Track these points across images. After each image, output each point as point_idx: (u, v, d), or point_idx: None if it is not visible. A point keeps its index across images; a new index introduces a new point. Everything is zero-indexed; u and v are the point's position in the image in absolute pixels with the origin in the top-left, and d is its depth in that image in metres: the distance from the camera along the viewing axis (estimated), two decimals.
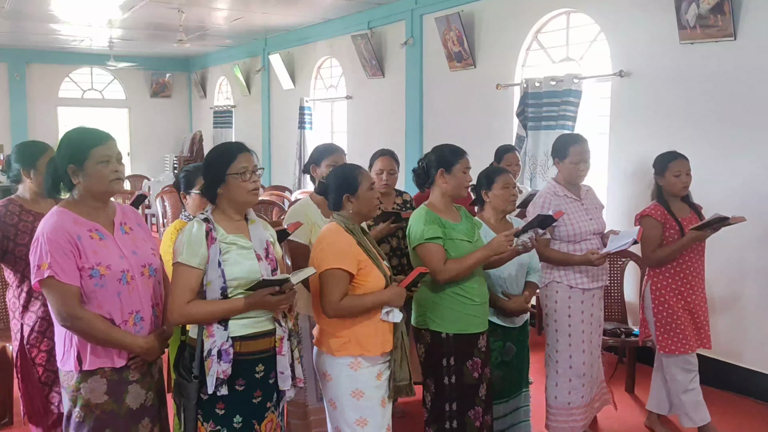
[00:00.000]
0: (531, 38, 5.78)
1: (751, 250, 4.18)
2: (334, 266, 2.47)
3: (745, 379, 4.20)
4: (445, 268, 2.80)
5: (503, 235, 2.82)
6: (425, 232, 2.83)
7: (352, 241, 2.54)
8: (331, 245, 2.52)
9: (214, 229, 2.30)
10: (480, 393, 2.94)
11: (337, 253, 2.49)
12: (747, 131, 4.17)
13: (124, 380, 2.25)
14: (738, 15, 4.11)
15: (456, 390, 2.88)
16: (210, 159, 2.37)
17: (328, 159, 3.22)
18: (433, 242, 2.82)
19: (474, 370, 2.90)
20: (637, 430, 3.78)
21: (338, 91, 8.76)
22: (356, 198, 2.58)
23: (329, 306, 2.48)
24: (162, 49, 11.34)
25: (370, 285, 2.52)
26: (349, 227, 2.57)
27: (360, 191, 2.59)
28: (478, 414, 2.92)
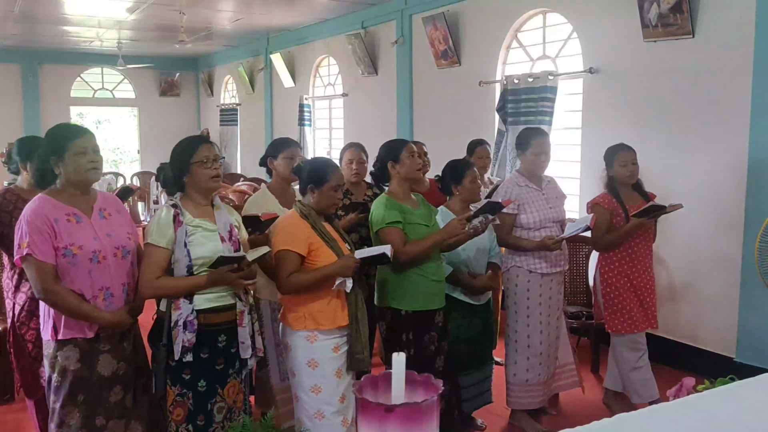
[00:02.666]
0: (511, 37, 6.01)
1: (709, 238, 4.40)
2: (283, 248, 2.73)
3: (702, 359, 4.42)
4: (404, 250, 3.05)
5: (456, 220, 3.08)
6: (386, 217, 3.09)
7: (304, 224, 2.78)
8: (284, 229, 2.80)
9: (182, 213, 2.58)
10: (437, 364, 3.20)
11: (288, 236, 2.76)
12: (706, 125, 4.38)
13: (96, 350, 2.53)
14: (696, 14, 4.32)
15: (414, 361, 3.05)
16: (175, 152, 2.65)
17: (285, 152, 3.44)
18: (393, 226, 3.08)
19: (431, 343, 3.17)
20: (595, 407, 4.00)
21: (335, 88, 9.04)
22: (319, 191, 2.83)
23: (280, 283, 2.76)
24: (170, 50, 11.67)
25: (320, 264, 2.76)
26: (305, 213, 2.81)
27: (324, 187, 2.82)
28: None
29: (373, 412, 0.77)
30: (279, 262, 2.75)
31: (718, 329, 4.37)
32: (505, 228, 3.59)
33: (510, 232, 3.62)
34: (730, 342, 4.27)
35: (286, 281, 2.74)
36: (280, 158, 3.44)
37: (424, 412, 0.77)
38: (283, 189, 3.47)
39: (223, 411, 2.65)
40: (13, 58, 11.86)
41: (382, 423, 0.77)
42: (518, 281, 3.65)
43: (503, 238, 3.63)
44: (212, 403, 2.62)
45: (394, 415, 0.77)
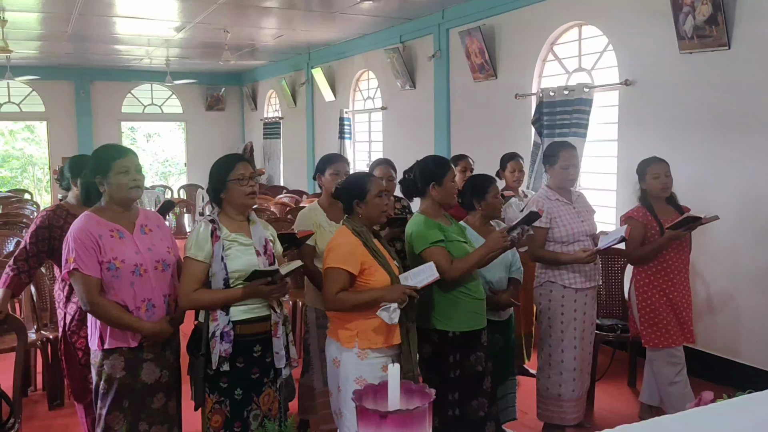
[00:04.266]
0: (547, 50, 6.04)
1: (746, 251, 4.34)
2: (334, 265, 2.75)
3: (741, 373, 4.35)
4: (453, 267, 3.00)
5: (498, 233, 3.07)
6: (428, 237, 3.05)
7: (357, 242, 2.79)
8: (339, 247, 2.80)
9: (219, 228, 2.71)
10: (485, 385, 3.14)
11: (340, 254, 2.77)
12: (743, 136, 4.33)
13: (139, 359, 2.67)
14: (731, 25, 4.29)
15: (460, 381, 3.08)
16: (213, 169, 2.78)
17: (331, 168, 3.54)
18: (437, 245, 3.04)
19: (478, 363, 3.11)
20: (631, 421, 3.98)
21: (374, 102, 9.18)
22: (365, 203, 2.86)
23: (326, 299, 2.78)
24: (215, 65, 12.03)
25: (373, 283, 2.76)
26: (357, 230, 2.83)
27: (368, 197, 2.86)
28: (482, 404, 3.12)
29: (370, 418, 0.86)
30: (329, 279, 2.76)
31: (757, 342, 4.30)
32: (538, 242, 3.60)
33: (543, 246, 3.63)
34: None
35: (334, 298, 2.73)
36: (328, 174, 3.54)
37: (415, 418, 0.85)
38: (331, 203, 3.56)
39: (258, 418, 2.76)
40: (67, 75, 12.40)
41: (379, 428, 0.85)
42: (552, 296, 3.64)
43: (537, 252, 3.63)
44: (248, 410, 2.73)
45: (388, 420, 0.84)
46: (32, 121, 14.10)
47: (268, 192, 9.83)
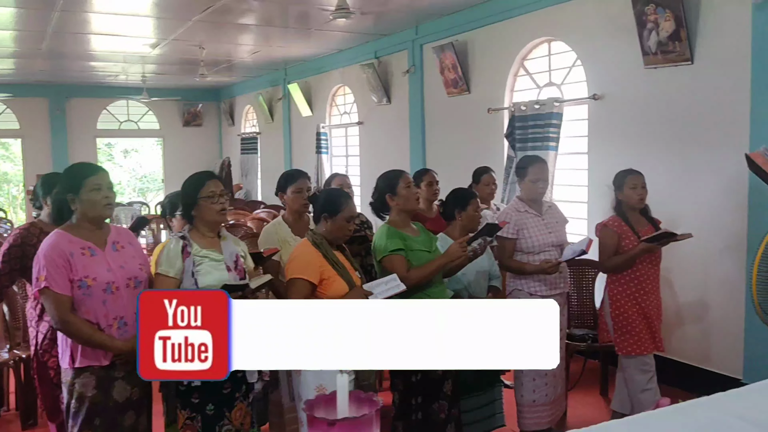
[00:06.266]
0: (518, 65, 6.15)
1: (714, 261, 4.44)
2: (295, 275, 2.85)
3: (711, 381, 4.43)
4: (408, 275, 3.11)
5: (456, 243, 3.17)
6: (388, 245, 3.17)
7: (316, 253, 2.89)
8: (297, 257, 2.91)
9: (190, 245, 2.74)
10: (445, 388, 3.25)
11: (300, 265, 2.87)
12: (706, 148, 4.45)
13: (111, 377, 2.67)
14: (693, 41, 4.42)
15: (422, 385, 3.19)
16: (185, 186, 2.82)
17: (293, 185, 3.58)
18: (396, 253, 3.16)
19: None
20: None
21: (351, 117, 9.25)
22: (333, 221, 2.95)
23: None
24: (192, 81, 12.03)
25: (331, 293, 2.86)
26: (317, 242, 2.92)
27: (338, 217, 2.94)
28: (443, 407, 3.24)
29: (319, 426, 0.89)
30: (290, 289, 2.85)
31: (726, 351, 4.40)
32: (506, 252, 3.72)
33: (512, 257, 3.73)
34: (738, 363, 4.29)
35: None
36: (289, 192, 3.59)
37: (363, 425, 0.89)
38: (295, 220, 3.62)
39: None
40: (41, 92, 12.30)
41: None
42: None
43: (505, 262, 3.74)
44: (220, 425, 2.74)
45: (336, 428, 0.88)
46: (7, 138, 13.95)
47: (245, 207, 9.82)
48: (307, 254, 2.90)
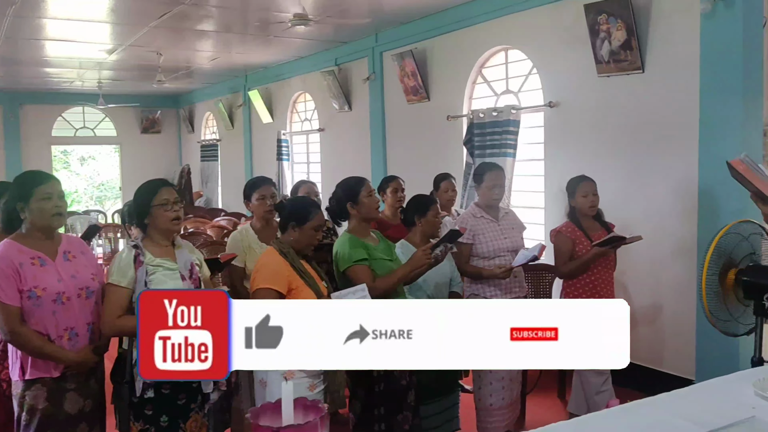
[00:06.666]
0: (476, 72, 6.22)
1: (666, 264, 4.56)
2: (263, 285, 2.78)
3: (665, 382, 4.53)
4: (375, 286, 3.06)
5: (420, 250, 3.16)
6: (352, 255, 3.12)
7: (283, 263, 2.83)
8: (265, 267, 2.84)
9: (142, 254, 2.69)
10: (409, 399, 3.21)
11: (266, 274, 2.80)
12: (657, 154, 4.56)
13: (62, 388, 2.62)
14: (644, 50, 4.54)
15: (385, 396, 3.14)
16: (137, 194, 2.77)
17: (257, 192, 3.58)
18: (360, 263, 3.11)
19: (402, 377, 3.17)
20: None
21: (312, 124, 9.24)
22: (300, 230, 2.90)
23: None
24: (150, 88, 11.85)
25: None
26: (284, 251, 2.87)
27: (306, 226, 2.90)
28: (407, 418, 3.19)
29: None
30: (257, 299, 2.76)
31: (678, 352, 4.50)
32: (463, 257, 3.75)
33: (468, 261, 3.78)
34: (690, 364, 4.39)
35: None
36: (254, 199, 3.59)
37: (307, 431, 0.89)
38: (262, 226, 3.60)
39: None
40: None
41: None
42: None
43: (462, 267, 3.77)
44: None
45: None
46: None
47: (205, 215, 9.71)
48: (275, 264, 2.84)
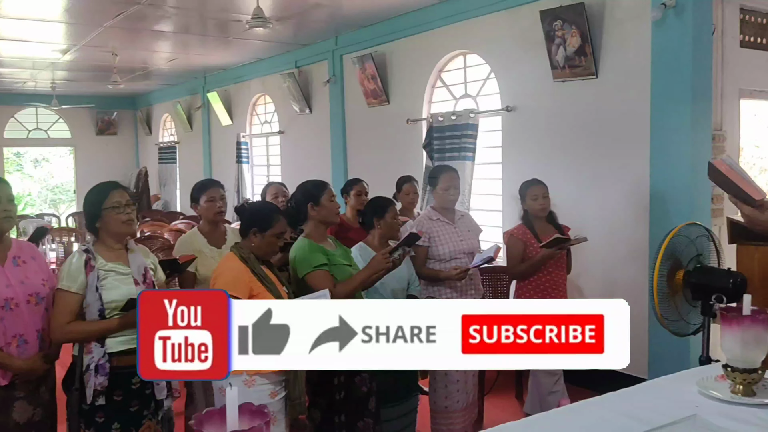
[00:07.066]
0: (435, 76, 6.27)
1: (619, 266, 4.66)
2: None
3: (618, 381, 4.62)
4: (335, 291, 3.01)
5: (380, 255, 3.14)
6: (312, 261, 3.06)
7: (244, 268, 2.77)
8: (224, 273, 2.79)
9: (94, 258, 2.63)
10: (370, 405, 3.19)
11: (227, 280, 2.74)
12: (611, 158, 4.66)
13: (11, 397, 2.55)
14: (598, 56, 4.64)
15: (346, 403, 3.11)
16: (87, 197, 2.71)
17: (206, 194, 3.52)
18: (320, 269, 3.06)
19: (362, 384, 3.14)
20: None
21: (272, 126, 9.18)
22: (262, 237, 2.84)
23: None
24: (106, 89, 11.62)
25: None
26: (244, 256, 2.81)
27: (267, 233, 2.84)
28: (368, 425, 3.15)
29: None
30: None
31: (632, 352, 4.57)
32: (419, 260, 3.74)
33: (424, 264, 3.77)
34: (643, 364, 4.49)
35: None
36: (203, 202, 3.51)
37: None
38: (211, 230, 3.54)
39: None
40: None
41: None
42: None
43: (419, 269, 3.76)
44: None
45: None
46: None
47: (163, 218, 9.55)
48: (235, 269, 2.78)
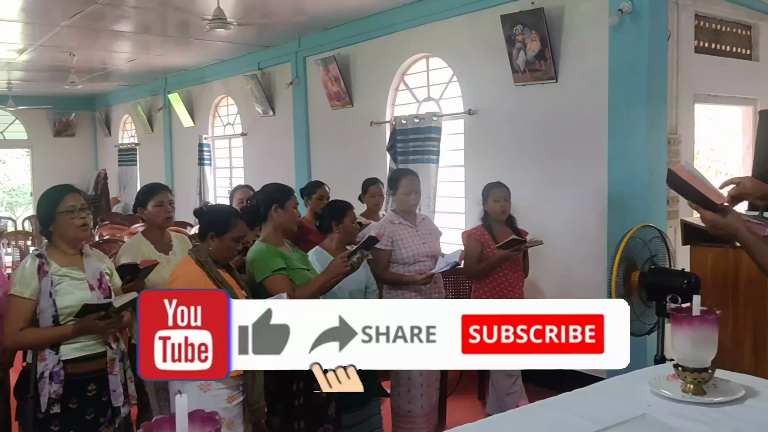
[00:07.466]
0: (398, 79, 6.30)
1: (578, 267, 4.73)
2: None
3: (577, 381, 4.69)
4: (294, 296, 2.98)
5: (338, 258, 3.11)
6: (270, 265, 3.02)
7: (200, 273, 2.73)
8: (180, 277, 2.75)
9: (47, 263, 2.58)
10: (329, 411, 3.17)
11: (183, 285, 2.68)
12: (570, 161, 4.74)
13: None
14: (557, 60, 4.71)
15: (305, 410, 3.08)
16: (41, 201, 2.65)
17: (154, 199, 3.37)
18: (278, 273, 3.02)
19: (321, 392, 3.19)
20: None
21: (234, 128, 9.10)
22: (219, 240, 2.79)
23: None
24: (64, 89, 11.37)
25: None
26: (201, 260, 2.77)
27: (225, 237, 2.79)
28: (328, 430, 3.14)
29: None
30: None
31: None
32: (381, 264, 3.74)
33: (387, 268, 3.77)
34: None
35: None
36: (151, 206, 3.37)
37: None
38: (158, 236, 3.44)
39: None
40: None
41: None
42: None
43: (381, 274, 3.75)
44: None
45: None
46: None
47: (123, 221, 9.38)
48: (191, 273, 2.74)
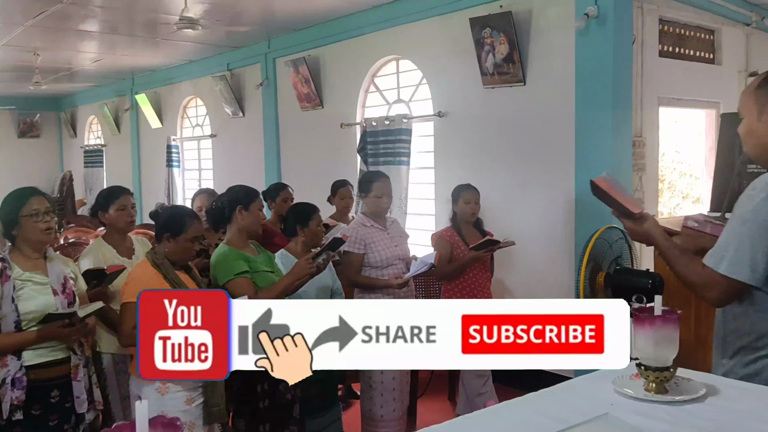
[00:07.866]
0: (368, 81, 6.30)
1: (546, 268, 4.79)
2: (131, 300, 2.61)
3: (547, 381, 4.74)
4: (257, 298, 2.96)
5: (303, 260, 3.08)
6: (233, 268, 2.98)
7: (156, 275, 2.70)
8: (133, 280, 2.71)
9: (9, 267, 2.52)
10: (294, 413, 3.16)
11: (136, 287, 2.62)
12: (538, 164, 4.79)
13: None
14: (525, 64, 4.76)
15: (270, 412, 3.06)
16: (4, 203, 2.60)
17: (116, 203, 3.30)
18: (242, 276, 2.99)
19: (287, 391, 3.10)
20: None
21: (203, 129, 9.01)
22: (175, 242, 2.76)
23: (121, 335, 2.69)
24: (28, 90, 11.14)
25: None
26: (157, 262, 2.74)
27: (181, 238, 2.76)
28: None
29: None
30: (125, 314, 2.63)
31: None
32: (354, 268, 3.72)
33: (359, 272, 3.74)
34: None
35: (131, 333, 2.57)
36: (113, 210, 3.29)
37: None
38: (120, 240, 3.36)
39: None
40: None
41: None
42: None
43: (353, 278, 3.73)
44: None
45: None
46: None
47: (89, 224, 9.22)
48: (146, 276, 2.70)
